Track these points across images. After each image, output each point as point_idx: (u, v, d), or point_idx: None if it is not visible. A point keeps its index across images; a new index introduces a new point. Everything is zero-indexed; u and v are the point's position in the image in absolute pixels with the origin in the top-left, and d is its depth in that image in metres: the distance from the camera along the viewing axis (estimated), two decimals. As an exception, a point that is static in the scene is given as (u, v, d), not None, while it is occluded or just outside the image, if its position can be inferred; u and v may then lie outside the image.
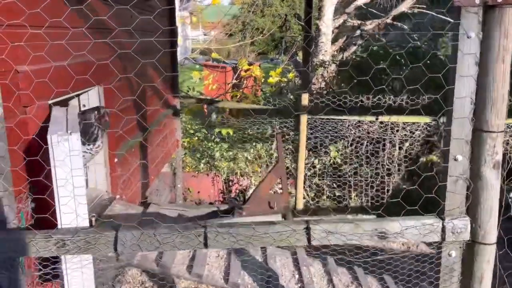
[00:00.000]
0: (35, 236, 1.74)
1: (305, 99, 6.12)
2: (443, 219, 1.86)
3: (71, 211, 1.89)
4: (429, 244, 2.02)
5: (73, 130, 1.87)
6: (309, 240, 1.84)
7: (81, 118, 2.88)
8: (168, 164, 6.69)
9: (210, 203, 7.41)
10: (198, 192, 7.40)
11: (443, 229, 1.85)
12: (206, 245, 1.82)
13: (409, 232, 1.85)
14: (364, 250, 2.49)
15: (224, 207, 4.85)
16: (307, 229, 1.84)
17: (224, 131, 8.15)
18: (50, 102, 2.55)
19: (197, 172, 7.65)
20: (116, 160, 3.61)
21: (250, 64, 11.66)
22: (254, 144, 7.98)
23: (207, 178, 7.49)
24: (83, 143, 2.92)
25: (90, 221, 2.04)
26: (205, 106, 9.48)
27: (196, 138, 8.27)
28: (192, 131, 8.33)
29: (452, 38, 1.74)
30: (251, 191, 6.94)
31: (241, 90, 10.37)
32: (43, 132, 2.19)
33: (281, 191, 4.95)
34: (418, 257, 2.46)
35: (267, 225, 1.83)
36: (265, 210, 4.41)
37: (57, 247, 1.76)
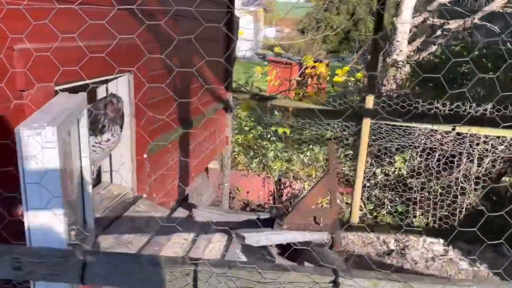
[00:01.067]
0: (-15, 252, 1.39)
1: (369, 101, 5.47)
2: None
3: (41, 224, 1.52)
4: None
5: (51, 123, 1.50)
6: (336, 298, 1.32)
7: (92, 108, 2.56)
8: (218, 161, 6.36)
9: (259, 205, 7.00)
10: (247, 192, 7.01)
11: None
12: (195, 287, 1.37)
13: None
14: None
15: (265, 215, 4.39)
16: (335, 283, 1.32)
17: (280, 130, 7.67)
18: (58, 87, 2.23)
19: (248, 171, 7.25)
20: (145, 155, 3.28)
21: (316, 61, 11.04)
22: (311, 146, 7.43)
23: (258, 179, 7.07)
24: (90, 135, 2.59)
25: (75, 237, 1.67)
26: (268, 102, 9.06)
27: (251, 135, 7.86)
28: (247, 128, 7.93)
29: None
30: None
31: (304, 88, 9.81)
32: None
33: (329, 205, 4.39)
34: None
35: (279, 271, 1.34)
36: (309, 225, 3.88)
37: (12, 269, 1.40)
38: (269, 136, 7.87)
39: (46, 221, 1.54)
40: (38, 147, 1.48)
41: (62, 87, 2.26)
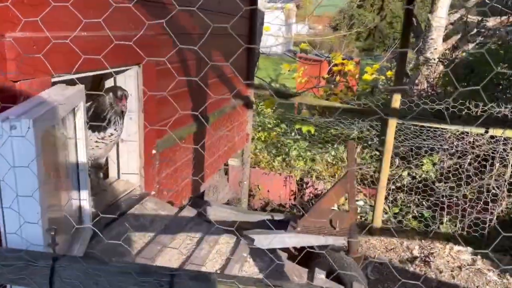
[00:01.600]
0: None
1: (396, 100, 5.22)
2: None
3: (16, 224, 1.43)
4: None
5: (28, 115, 1.41)
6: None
7: (96, 103, 2.48)
8: (238, 158, 6.25)
9: (279, 205, 6.84)
10: (268, 191, 6.86)
11: None
12: (171, 301, 1.24)
13: None
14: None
15: (280, 217, 4.25)
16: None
17: (304, 128, 7.48)
18: (57, 78, 2.15)
19: (271, 169, 7.10)
20: (154, 151, 3.19)
21: (346, 58, 10.75)
22: (335, 145, 7.21)
23: (279, 177, 6.91)
24: (93, 131, 2.52)
25: (53, 237, 1.58)
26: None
27: (275, 133, 7.70)
28: (270, 125, 7.78)
29: None
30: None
31: (332, 86, 9.56)
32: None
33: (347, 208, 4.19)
34: None
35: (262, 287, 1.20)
36: (325, 229, 3.71)
37: (-19, 270, 1.32)
38: (293, 134, 7.69)
39: (21, 221, 1.45)
40: (13, 141, 1.39)
41: (61, 78, 2.18)
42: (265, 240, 3.32)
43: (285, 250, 3.67)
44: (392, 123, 5.28)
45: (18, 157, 1.40)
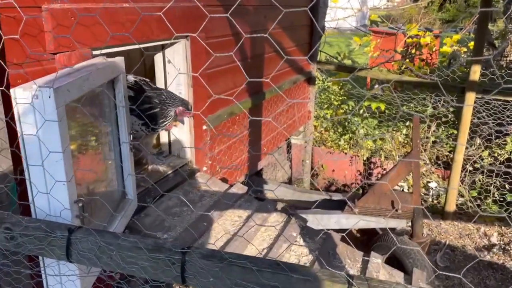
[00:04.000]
0: (-21, 219, 1.33)
1: (475, 72, 4.71)
2: None
3: (42, 194, 1.43)
4: None
5: (50, 84, 1.38)
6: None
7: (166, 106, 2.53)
8: (301, 137, 6.08)
9: (344, 185, 6.59)
10: (333, 170, 6.62)
11: None
12: (183, 280, 1.16)
13: None
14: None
15: (338, 197, 4.05)
16: (344, 296, 1.01)
17: (374, 105, 7.06)
18: (98, 51, 2.14)
19: (339, 147, 6.82)
20: (204, 127, 3.14)
21: (424, 30, 9.95)
22: (407, 123, 6.73)
23: (345, 157, 6.62)
24: (143, 124, 2.54)
25: (82, 208, 1.57)
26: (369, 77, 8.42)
27: (342, 110, 7.38)
28: (336, 102, 7.46)
29: None
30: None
31: (406, 60, 8.91)
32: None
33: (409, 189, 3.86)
34: None
35: (279, 271, 1.07)
36: (385, 211, 3.46)
37: (6, 239, 1.33)
38: (361, 111, 7.31)
39: (48, 191, 1.45)
40: (35, 110, 1.38)
41: (105, 51, 2.17)
42: (319, 220, 3.17)
43: (347, 232, 3.50)
44: (470, 97, 4.79)
45: (41, 125, 1.39)
